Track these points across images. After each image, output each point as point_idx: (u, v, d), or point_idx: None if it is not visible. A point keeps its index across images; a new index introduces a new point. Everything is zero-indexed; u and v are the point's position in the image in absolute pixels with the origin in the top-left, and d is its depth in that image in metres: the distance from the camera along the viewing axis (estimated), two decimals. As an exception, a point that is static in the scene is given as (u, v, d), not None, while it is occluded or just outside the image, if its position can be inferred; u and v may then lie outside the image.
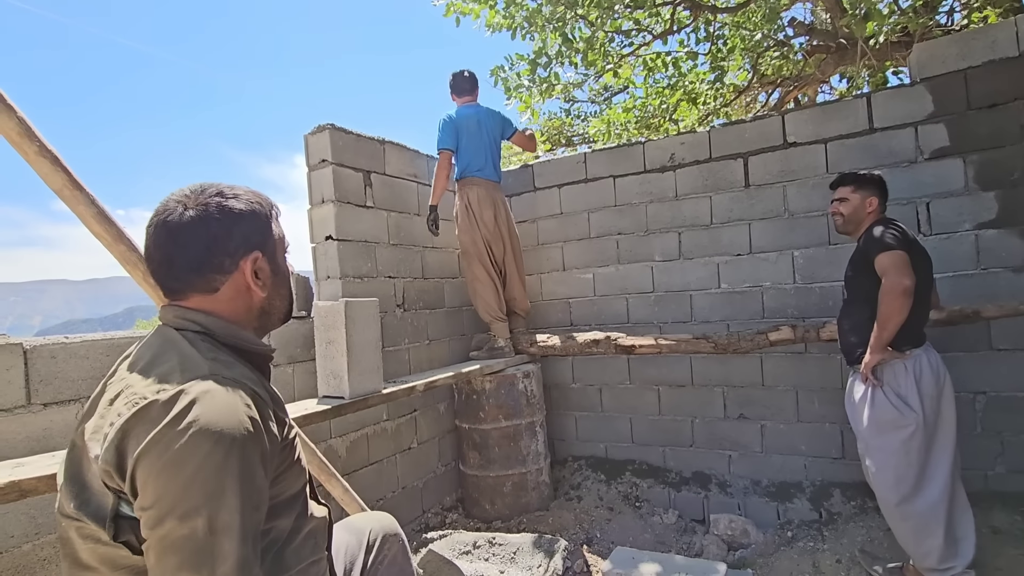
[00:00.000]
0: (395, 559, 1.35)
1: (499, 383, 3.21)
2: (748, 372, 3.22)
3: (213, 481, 0.73)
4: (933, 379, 2.06)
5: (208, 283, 0.92)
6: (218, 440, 0.74)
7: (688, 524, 3.18)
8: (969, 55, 2.71)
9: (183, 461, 0.72)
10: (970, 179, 2.72)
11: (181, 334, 0.89)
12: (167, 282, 0.92)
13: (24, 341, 1.70)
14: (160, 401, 0.76)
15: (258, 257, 0.95)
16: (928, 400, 2.05)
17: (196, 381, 0.79)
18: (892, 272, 1.97)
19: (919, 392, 2.04)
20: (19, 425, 1.65)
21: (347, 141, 2.97)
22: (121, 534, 0.79)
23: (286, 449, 0.92)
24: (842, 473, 2.99)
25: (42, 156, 1.31)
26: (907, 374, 2.06)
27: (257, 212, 0.96)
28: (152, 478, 0.73)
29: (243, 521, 0.75)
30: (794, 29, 4.81)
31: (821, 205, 3.01)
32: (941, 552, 2.01)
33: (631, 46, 4.87)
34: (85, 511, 0.80)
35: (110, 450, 0.76)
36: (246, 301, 0.96)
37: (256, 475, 0.79)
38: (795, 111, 3.13)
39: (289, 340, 2.58)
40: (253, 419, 0.80)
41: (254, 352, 0.96)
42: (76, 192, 1.37)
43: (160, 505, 0.72)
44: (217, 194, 0.92)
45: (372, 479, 2.92)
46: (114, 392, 0.83)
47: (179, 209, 0.89)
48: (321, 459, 1.87)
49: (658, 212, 3.48)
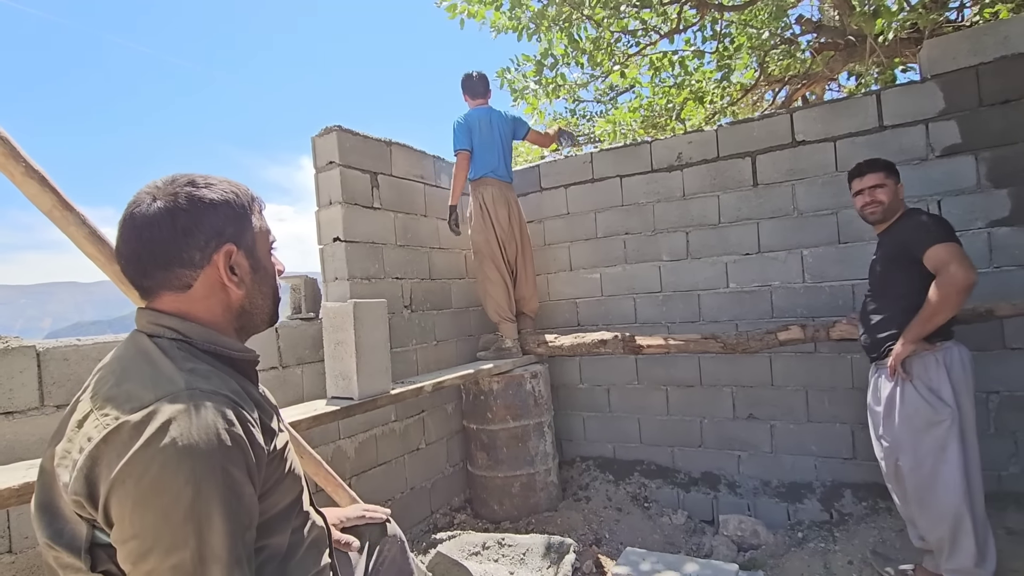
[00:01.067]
0: (394, 559, 1.36)
1: (507, 384, 3.21)
2: (757, 372, 3.20)
3: (196, 508, 0.68)
4: (963, 373, 2.01)
5: (178, 279, 0.85)
6: (197, 462, 0.69)
7: (697, 525, 3.17)
8: (981, 51, 2.68)
9: (161, 489, 0.67)
10: (982, 176, 2.69)
11: (154, 342, 0.83)
12: (137, 280, 0.86)
13: (37, 343, 1.72)
14: (131, 423, 0.70)
15: (232, 251, 0.88)
16: (961, 394, 1.99)
17: (170, 397, 0.73)
18: (955, 265, 1.87)
19: (951, 384, 1.97)
20: (32, 427, 1.67)
21: (354, 143, 2.98)
22: (99, 564, 0.74)
23: (275, 460, 0.86)
24: (853, 473, 2.96)
25: (29, 177, 1.23)
26: (938, 366, 1.99)
27: (232, 203, 0.88)
28: (129, 510, 0.68)
29: (232, 544, 0.71)
30: (801, 27, 4.78)
31: (831, 204, 2.99)
32: (975, 554, 1.95)
33: (637, 45, 4.85)
34: (58, 541, 0.76)
35: (79, 479, 0.70)
36: (222, 300, 0.89)
37: (243, 493, 0.74)
38: (804, 109, 3.11)
39: (298, 341, 2.59)
40: (235, 434, 0.75)
41: (236, 359, 0.90)
42: (66, 212, 1.28)
43: (141, 539, 0.68)
44: (188, 183, 0.85)
45: (381, 480, 2.93)
46: (82, 412, 0.77)
47: (147, 200, 0.83)
48: (326, 469, 1.83)
49: (665, 212, 3.46)
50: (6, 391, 1.62)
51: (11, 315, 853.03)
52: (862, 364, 2.92)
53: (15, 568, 1.61)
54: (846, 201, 2.95)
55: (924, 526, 2.07)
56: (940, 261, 1.91)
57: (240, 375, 0.90)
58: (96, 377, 0.83)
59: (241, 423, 0.77)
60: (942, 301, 1.89)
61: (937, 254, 1.92)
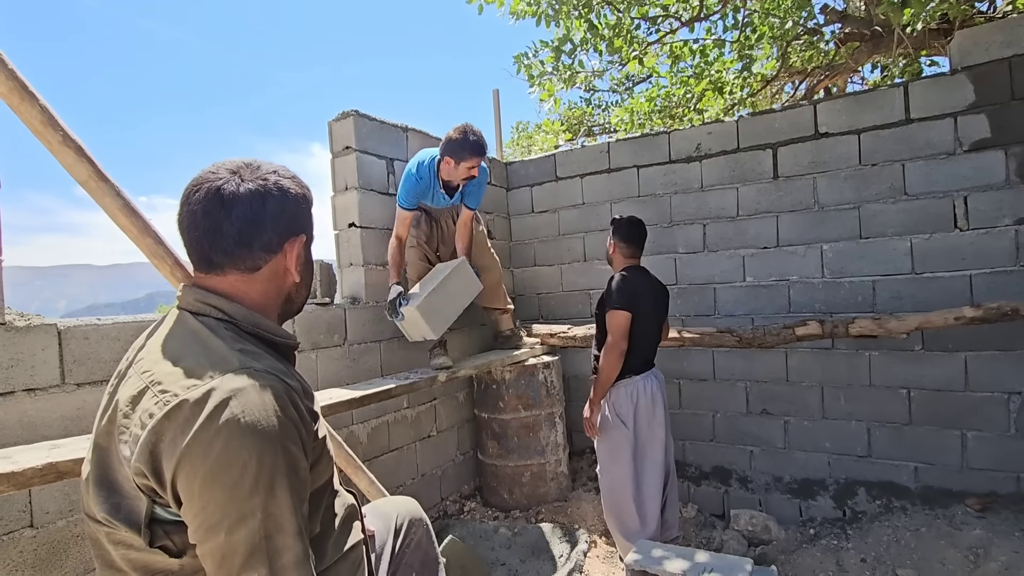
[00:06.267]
0: (420, 542, 1.37)
1: (519, 373, 3.21)
2: (772, 367, 3.16)
3: (262, 481, 0.71)
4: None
5: (252, 260, 0.87)
6: (259, 438, 0.72)
7: (708, 519, 3.16)
8: (1015, 42, 2.60)
9: (228, 464, 0.70)
10: (1011, 172, 2.62)
11: (200, 321, 0.85)
12: (209, 253, 0.86)
13: (58, 322, 1.73)
14: (191, 400, 0.72)
15: (303, 241, 0.93)
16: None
17: (227, 376, 0.75)
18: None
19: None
20: (54, 404, 1.69)
21: (370, 128, 2.96)
22: (156, 540, 0.76)
23: (316, 440, 0.90)
24: (867, 471, 2.93)
25: (66, 145, 1.25)
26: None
27: (307, 197, 0.94)
28: (197, 486, 0.70)
29: (295, 515, 0.74)
30: (826, 16, 4.67)
31: (853, 198, 2.93)
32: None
33: (657, 33, 4.77)
34: (116, 516, 0.78)
35: (143, 453, 0.72)
36: (278, 285, 0.92)
37: (300, 468, 0.77)
38: (828, 100, 3.05)
39: (313, 326, 2.59)
40: (289, 411, 0.77)
41: (279, 343, 0.92)
42: (102, 184, 1.30)
43: (210, 513, 0.70)
44: (273, 172, 0.89)
45: (392, 466, 2.94)
46: (136, 388, 0.78)
47: (235, 180, 0.85)
48: (347, 451, 1.87)
49: (682, 203, 3.42)
50: (28, 368, 1.64)
51: (28, 296, 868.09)
52: (880, 361, 2.88)
53: (36, 542, 1.63)
54: (869, 195, 2.90)
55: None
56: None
57: (282, 358, 0.92)
58: (144, 353, 0.85)
59: (292, 402, 0.79)
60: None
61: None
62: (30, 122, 1.23)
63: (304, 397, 0.86)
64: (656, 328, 2.57)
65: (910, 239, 2.82)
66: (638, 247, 2.59)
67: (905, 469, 2.84)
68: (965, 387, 2.71)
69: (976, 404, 2.68)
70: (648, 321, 2.48)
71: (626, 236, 2.57)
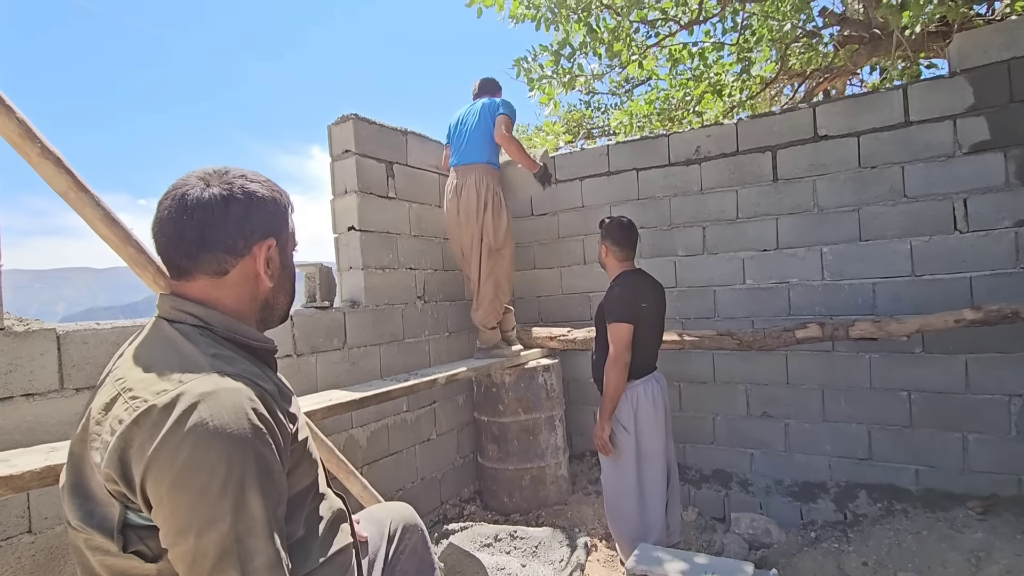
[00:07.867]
0: (415, 548, 1.36)
1: (519, 376, 3.20)
2: (772, 370, 3.16)
3: (231, 484, 0.71)
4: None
5: (219, 263, 0.88)
6: (227, 441, 0.72)
7: (708, 522, 3.15)
8: (1014, 45, 2.60)
9: (195, 469, 0.70)
10: (1011, 174, 2.62)
11: (176, 328, 0.85)
12: (176, 259, 0.87)
13: (57, 326, 1.72)
14: (159, 406, 0.72)
15: (272, 245, 0.92)
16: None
17: (197, 380, 0.75)
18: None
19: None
20: (52, 409, 1.68)
21: (370, 131, 2.96)
22: (130, 545, 0.76)
23: (294, 444, 0.89)
24: (868, 474, 2.92)
25: (44, 158, 1.24)
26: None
27: (277, 200, 0.94)
28: (166, 491, 0.70)
29: (268, 518, 0.74)
30: (825, 19, 4.68)
31: (852, 200, 2.93)
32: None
33: (656, 36, 4.77)
34: (90, 523, 0.78)
35: (112, 459, 0.73)
36: (251, 289, 0.92)
37: (274, 471, 0.77)
38: (827, 103, 3.05)
39: (312, 330, 2.59)
40: (261, 414, 0.77)
41: (255, 347, 0.92)
42: (81, 194, 1.29)
43: (180, 518, 0.70)
44: (241, 176, 0.91)
45: (392, 469, 2.93)
46: (109, 396, 0.79)
47: (200, 185, 0.87)
48: (339, 456, 1.86)
49: (682, 206, 3.42)
50: (27, 373, 1.64)
51: (26, 300, 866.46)
52: (880, 364, 2.88)
53: (35, 548, 1.62)
54: (868, 198, 2.90)
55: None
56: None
57: (259, 362, 0.92)
58: (120, 361, 0.85)
59: (266, 405, 0.80)
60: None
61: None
62: (8, 135, 1.22)
63: (280, 400, 0.86)
64: (657, 332, 2.55)
65: (910, 241, 2.82)
66: (631, 249, 2.54)
67: (906, 472, 2.84)
68: (966, 389, 2.70)
69: (977, 406, 2.68)
70: (649, 326, 2.46)
71: (618, 239, 2.51)
